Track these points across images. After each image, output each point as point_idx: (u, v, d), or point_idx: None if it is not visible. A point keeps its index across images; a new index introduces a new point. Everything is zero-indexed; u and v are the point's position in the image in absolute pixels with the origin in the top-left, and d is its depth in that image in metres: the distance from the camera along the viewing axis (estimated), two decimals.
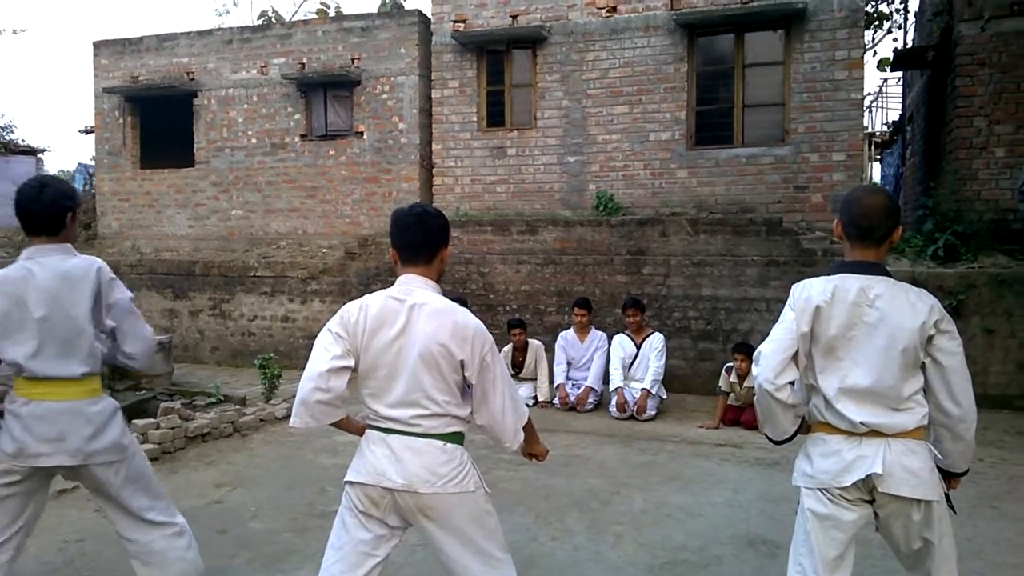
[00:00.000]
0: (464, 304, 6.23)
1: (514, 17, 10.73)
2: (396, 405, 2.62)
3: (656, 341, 8.04)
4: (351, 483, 2.70)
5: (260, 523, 4.78)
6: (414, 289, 2.70)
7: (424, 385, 2.60)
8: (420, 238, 2.73)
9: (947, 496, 2.67)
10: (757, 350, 2.71)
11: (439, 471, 2.59)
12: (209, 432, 6.77)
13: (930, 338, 2.54)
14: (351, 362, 2.65)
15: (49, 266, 2.97)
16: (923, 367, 2.58)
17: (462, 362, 2.61)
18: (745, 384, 7.38)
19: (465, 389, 2.70)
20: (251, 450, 6.58)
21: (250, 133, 12.59)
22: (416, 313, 2.64)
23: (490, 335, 2.71)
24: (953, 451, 2.64)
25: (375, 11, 12.37)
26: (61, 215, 3.04)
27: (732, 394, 7.55)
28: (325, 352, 2.65)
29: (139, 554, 3.14)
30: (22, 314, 2.94)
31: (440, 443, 2.63)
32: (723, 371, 7.73)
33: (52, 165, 39.63)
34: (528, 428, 2.84)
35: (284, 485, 5.57)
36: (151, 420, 6.46)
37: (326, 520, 4.26)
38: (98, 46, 13.58)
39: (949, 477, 2.70)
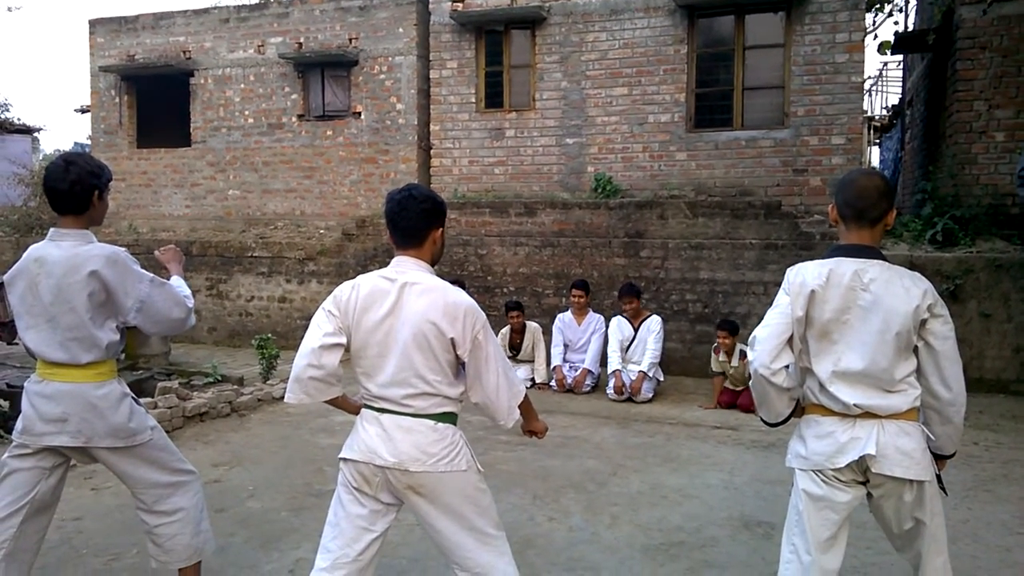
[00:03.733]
0: (462, 286, 6.23)
1: None
2: (387, 384, 2.64)
3: (654, 324, 8.05)
4: (345, 460, 2.72)
5: (258, 502, 4.80)
6: (407, 270, 2.71)
7: (415, 364, 2.61)
8: (406, 223, 2.72)
9: (939, 477, 2.69)
10: (752, 334, 2.72)
11: (429, 450, 2.60)
12: (207, 412, 6.79)
13: (923, 322, 2.55)
14: (343, 339, 2.67)
15: (62, 251, 2.93)
16: (915, 350, 2.59)
17: (453, 340, 2.61)
18: (733, 361, 7.44)
19: (458, 369, 2.71)
20: (249, 430, 6.60)
21: (247, 113, 12.53)
22: (407, 292, 2.65)
23: (482, 313, 2.71)
24: (942, 434, 2.66)
25: None
26: (87, 194, 2.97)
27: (725, 374, 7.60)
28: (318, 329, 2.67)
29: (148, 534, 3.17)
30: (34, 298, 2.94)
31: (431, 423, 2.63)
32: (712, 352, 7.78)
33: (48, 144, 39.48)
34: (526, 405, 2.85)
35: (282, 464, 5.59)
36: (149, 399, 6.46)
37: (323, 499, 4.28)
38: (94, 24, 13.48)
39: (937, 459, 2.71)
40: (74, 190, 2.94)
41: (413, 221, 2.72)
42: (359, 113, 11.87)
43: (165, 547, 3.15)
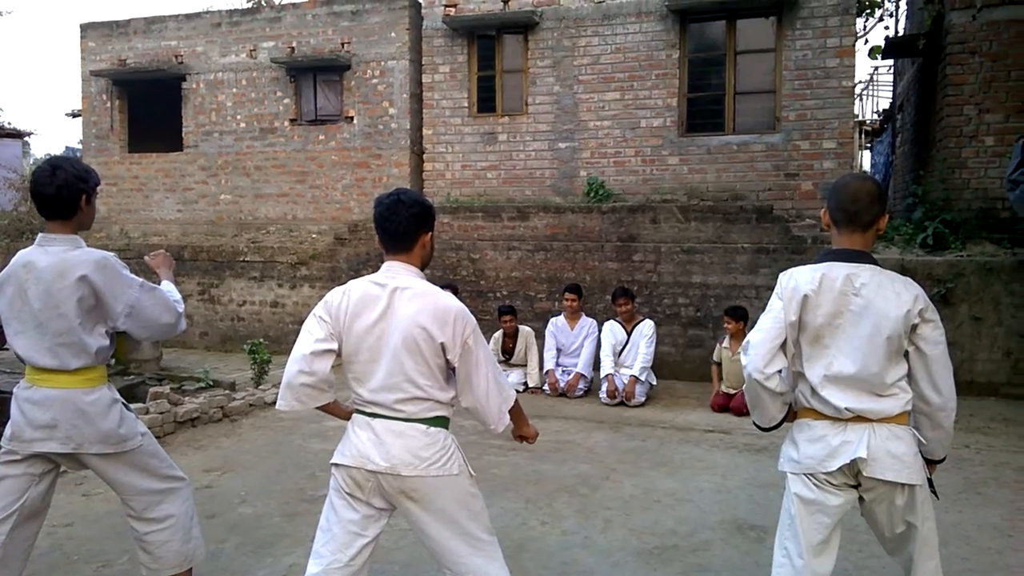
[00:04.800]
0: (455, 291, 6.19)
1: (505, 2, 10.68)
2: (379, 389, 2.63)
3: (646, 328, 8.06)
4: (337, 465, 2.72)
5: (250, 508, 4.78)
6: (397, 275, 2.70)
7: (406, 369, 2.60)
8: (395, 228, 2.71)
9: (930, 481, 2.69)
10: (746, 339, 2.73)
11: (421, 454, 2.60)
12: (198, 417, 6.76)
13: (914, 327, 2.56)
14: (334, 345, 2.66)
15: (51, 256, 2.91)
16: (906, 355, 2.60)
17: (443, 345, 2.61)
18: (738, 350, 7.47)
19: (449, 373, 2.70)
20: (240, 435, 6.57)
21: (239, 117, 12.51)
22: (397, 297, 2.64)
23: (472, 318, 2.71)
24: (932, 438, 2.67)
25: None
26: (75, 198, 2.95)
27: (721, 366, 7.71)
28: (309, 336, 2.67)
29: (138, 541, 3.15)
30: (23, 303, 2.93)
31: (423, 427, 2.63)
32: (717, 344, 7.97)
33: (39, 149, 39.27)
34: (516, 410, 2.85)
35: (274, 470, 5.57)
36: (140, 405, 6.43)
37: (316, 504, 4.26)
38: (85, 28, 13.44)
39: (927, 464, 2.72)
40: (61, 194, 2.93)
41: (402, 226, 2.71)
42: (351, 118, 11.85)
43: (155, 554, 3.13)
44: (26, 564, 3.09)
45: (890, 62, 14.95)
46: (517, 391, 2.88)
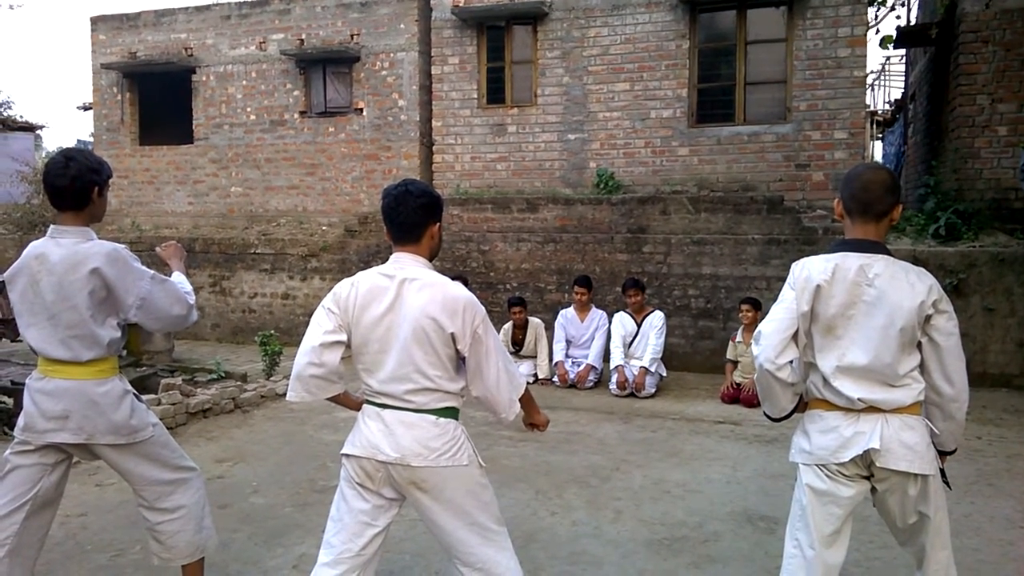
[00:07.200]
0: (465, 282, 6.16)
1: None
2: (388, 380, 2.64)
3: (656, 319, 8.05)
4: (347, 455, 2.73)
5: (262, 498, 4.81)
6: (405, 266, 2.70)
7: (415, 360, 2.60)
8: (403, 218, 2.71)
9: (942, 472, 2.68)
10: (757, 329, 2.72)
11: (431, 445, 2.60)
12: (210, 408, 6.80)
13: (928, 318, 2.54)
14: (343, 337, 2.67)
15: (63, 249, 2.92)
16: (919, 346, 2.59)
17: (453, 335, 2.61)
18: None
19: (459, 363, 2.71)
20: (252, 426, 6.61)
21: (249, 109, 12.53)
22: (406, 288, 2.64)
23: (482, 307, 2.70)
24: (944, 429, 2.66)
25: None
26: (87, 190, 2.96)
27: (739, 363, 7.67)
28: (318, 327, 2.67)
29: (151, 530, 3.17)
30: (35, 295, 2.94)
31: (433, 417, 2.64)
32: (730, 342, 7.87)
33: (51, 142, 39.47)
34: (526, 398, 2.85)
35: (285, 460, 5.60)
36: (152, 396, 6.48)
37: (327, 495, 4.28)
38: (95, 22, 13.48)
39: (939, 455, 2.70)
40: (74, 186, 2.93)
41: (410, 216, 2.70)
42: (361, 109, 11.86)
43: (167, 544, 3.15)
44: (40, 553, 3.12)
45: (902, 52, 14.85)
46: (527, 382, 2.86)
